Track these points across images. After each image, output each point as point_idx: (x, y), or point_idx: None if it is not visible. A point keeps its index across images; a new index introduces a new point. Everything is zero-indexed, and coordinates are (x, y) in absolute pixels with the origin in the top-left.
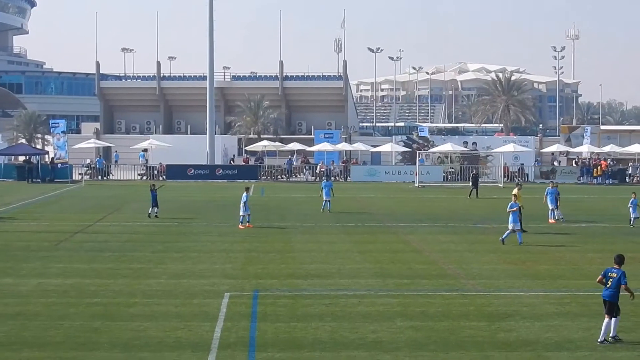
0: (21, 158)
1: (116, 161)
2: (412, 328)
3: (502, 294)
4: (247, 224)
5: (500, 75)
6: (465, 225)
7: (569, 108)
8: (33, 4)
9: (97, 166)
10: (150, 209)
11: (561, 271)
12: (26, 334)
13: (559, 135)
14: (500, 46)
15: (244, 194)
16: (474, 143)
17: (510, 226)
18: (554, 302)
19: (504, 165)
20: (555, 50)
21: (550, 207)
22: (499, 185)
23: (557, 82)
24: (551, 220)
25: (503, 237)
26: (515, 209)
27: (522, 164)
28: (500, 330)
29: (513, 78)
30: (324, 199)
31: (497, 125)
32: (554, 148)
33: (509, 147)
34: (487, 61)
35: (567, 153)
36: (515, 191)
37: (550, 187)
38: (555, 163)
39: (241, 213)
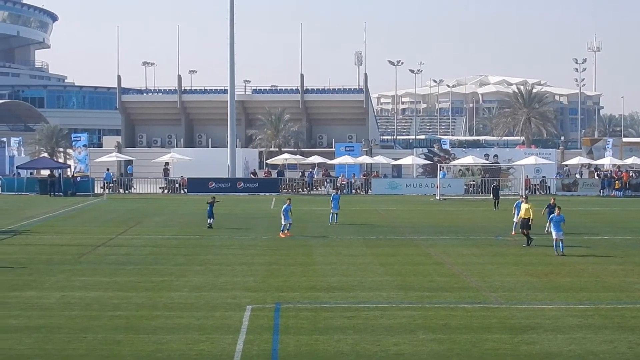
0: (43, 172)
1: (130, 174)
2: (435, 341)
3: (524, 306)
4: (287, 232)
5: (522, 87)
6: (487, 238)
7: (590, 120)
8: (55, 18)
9: (105, 180)
10: (208, 220)
11: (584, 283)
12: (49, 346)
13: (580, 148)
14: (521, 59)
15: (286, 204)
16: (495, 156)
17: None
18: (577, 314)
19: (525, 177)
20: (576, 63)
21: (555, 236)
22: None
23: (578, 94)
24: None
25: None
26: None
27: (544, 177)
28: (523, 343)
29: (534, 90)
30: (332, 211)
31: (518, 137)
32: (575, 160)
33: (531, 160)
34: (508, 74)
35: (589, 165)
36: (527, 206)
37: (555, 214)
38: (577, 175)
39: (283, 222)
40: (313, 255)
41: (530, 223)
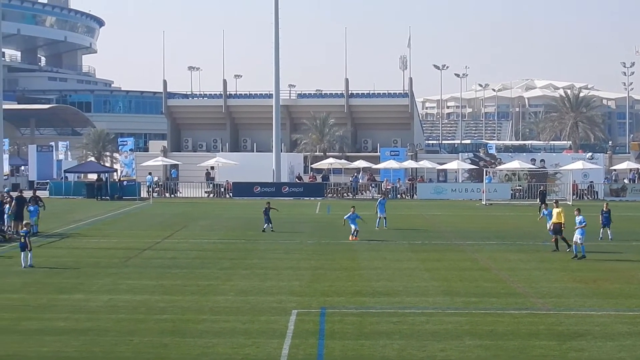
0: (90, 176)
1: (174, 178)
2: (481, 347)
3: (572, 312)
4: (354, 237)
5: (569, 91)
6: (534, 243)
7: (639, 125)
8: (102, 24)
9: (148, 183)
10: (265, 225)
11: (633, 290)
12: (96, 349)
13: (629, 152)
14: (568, 63)
15: (350, 213)
16: (542, 160)
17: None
18: (627, 321)
19: (572, 182)
20: (624, 66)
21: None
22: (568, 202)
23: (627, 98)
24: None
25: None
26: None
27: (592, 182)
28: (572, 350)
29: (581, 94)
30: (379, 215)
31: (565, 142)
32: (624, 165)
33: (578, 165)
34: (554, 78)
35: (638, 170)
36: (558, 210)
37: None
38: (626, 180)
39: (353, 227)
40: (358, 260)
41: (562, 228)
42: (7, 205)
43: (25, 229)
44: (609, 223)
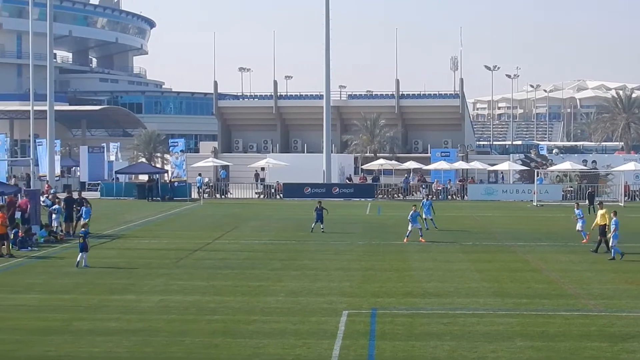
0: (141, 177)
1: (223, 178)
2: (532, 348)
3: (624, 314)
4: (420, 239)
5: (621, 92)
6: (585, 245)
7: None
8: (152, 25)
9: (198, 184)
10: (313, 224)
11: None
12: (148, 349)
13: None
14: (620, 63)
15: (412, 211)
16: (594, 161)
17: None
18: None
19: (624, 184)
20: None
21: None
22: (620, 204)
23: None
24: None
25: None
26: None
27: None
28: (623, 352)
29: (634, 95)
30: (424, 217)
31: (617, 143)
32: None
33: (630, 166)
34: (606, 78)
35: None
36: (602, 212)
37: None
38: None
39: (409, 228)
40: (409, 261)
41: (606, 229)
42: (57, 206)
43: (83, 229)
44: None
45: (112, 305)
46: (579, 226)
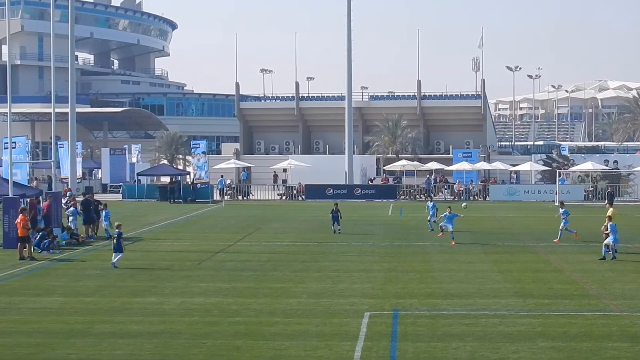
0: (163, 179)
1: (244, 180)
2: (554, 349)
3: None
4: (452, 242)
5: None
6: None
7: None
8: (174, 27)
9: (219, 186)
10: (332, 226)
11: None
12: (170, 351)
13: None
14: None
15: (446, 212)
16: (615, 162)
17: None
18: None
19: None
20: None
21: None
22: None
23: None
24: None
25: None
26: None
27: None
28: None
29: None
30: (430, 220)
31: (638, 143)
32: None
33: None
34: (628, 79)
35: None
36: (611, 211)
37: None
38: None
39: (450, 228)
40: (431, 262)
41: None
42: (73, 208)
43: (117, 230)
44: None
45: (134, 307)
46: (562, 225)
